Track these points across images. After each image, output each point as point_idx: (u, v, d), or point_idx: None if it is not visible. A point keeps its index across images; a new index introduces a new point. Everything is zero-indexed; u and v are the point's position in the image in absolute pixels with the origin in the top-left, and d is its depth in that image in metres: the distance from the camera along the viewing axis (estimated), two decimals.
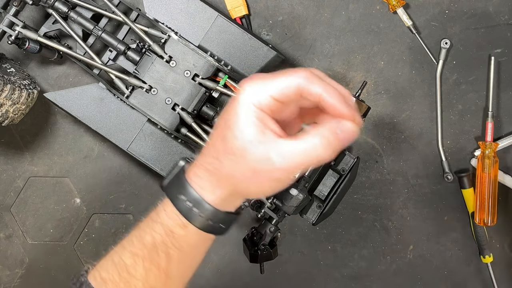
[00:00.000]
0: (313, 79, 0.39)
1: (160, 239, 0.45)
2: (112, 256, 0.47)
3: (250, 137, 0.40)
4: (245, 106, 0.40)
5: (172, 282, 0.46)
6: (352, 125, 0.39)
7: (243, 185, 0.42)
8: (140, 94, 0.67)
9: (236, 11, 0.73)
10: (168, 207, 0.45)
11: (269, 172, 0.40)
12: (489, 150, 0.74)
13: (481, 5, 0.75)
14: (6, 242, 0.78)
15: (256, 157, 0.40)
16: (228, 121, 0.41)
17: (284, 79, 0.39)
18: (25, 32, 0.65)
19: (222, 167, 0.42)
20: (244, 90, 0.40)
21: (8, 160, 0.76)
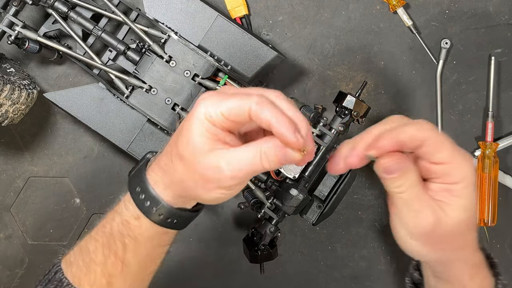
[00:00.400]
0: (264, 105, 0.39)
1: (117, 228, 0.47)
2: (81, 240, 0.50)
3: (200, 145, 0.41)
4: (198, 118, 0.41)
5: (128, 270, 0.48)
6: (293, 154, 0.40)
7: (194, 191, 0.44)
8: (140, 94, 0.67)
9: (236, 11, 0.73)
10: (127, 198, 0.47)
11: (218, 180, 0.41)
12: (489, 150, 0.74)
13: (481, 5, 0.75)
14: (6, 242, 0.78)
15: (206, 165, 0.41)
16: (183, 130, 0.42)
17: (236, 101, 0.40)
18: (24, 32, 0.65)
19: (175, 171, 0.44)
20: (199, 104, 0.41)
21: (8, 160, 0.76)
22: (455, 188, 0.42)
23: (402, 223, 0.44)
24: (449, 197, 0.42)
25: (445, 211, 0.42)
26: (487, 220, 0.74)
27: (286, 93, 0.76)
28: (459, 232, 0.44)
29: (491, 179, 0.73)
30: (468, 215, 0.43)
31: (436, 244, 0.45)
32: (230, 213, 0.78)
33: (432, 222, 0.42)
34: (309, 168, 0.64)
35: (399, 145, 0.41)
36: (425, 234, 0.43)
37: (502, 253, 0.78)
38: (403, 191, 0.42)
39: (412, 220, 0.43)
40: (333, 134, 0.64)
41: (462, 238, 0.45)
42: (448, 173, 0.42)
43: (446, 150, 0.41)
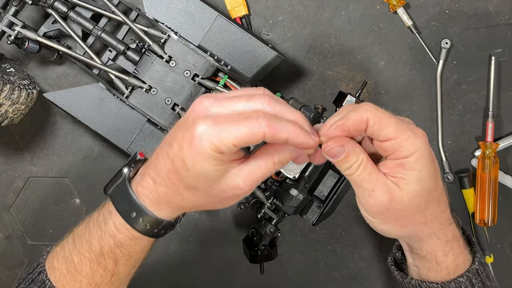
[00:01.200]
0: (275, 126, 0.39)
1: (108, 248, 0.47)
2: (64, 246, 0.50)
3: (212, 176, 0.41)
4: (204, 154, 0.40)
5: (117, 278, 0.49)
6: (306, 153, 0.43)
7: (207, 208, 0.45)
8: (139, 94, 0.67)
9: (236, 11, 0.73)
10: (117, 220, 0.46)
11: (238, 196, 0.43)
12: (489, 150, 0.74)
13: (481, 5, 0.75)
14: (5, 242, 0.78)
15: (223, 188, 0.42)
16: (186, 164, 0.41)
17: (246, 130, 0.39)
18: (24, 32, 0.65)
19: (186, 200, 0.44)
20: (201, 137, 0.39)
21: (7, 160, 0.76)
22: (407, 161, 0.43)
23: (360, 203, 0.46)
24: (402, 171, 0.43)
25: (400, 186, 0.43)
26: (487, 220, 0.74)
27: (286, 93, 0.76)
28: (417, 206, 0.45)
29: (491, 179, 0.73)
30: (423, 188, 0.44)
31: (395, 220, 0.45)
32: (230, 213, 0.78)
33: (386, 199, 0.43)
34: (309, 168, 0.64)
35: (347, 132, 0.43)
36: (381, 212, 0.45)
37: (502, 253, 0.78)
38: (352, 172, 0.44)
39: (366, 200, 0.44)
40: None
41: (421, 212, 0.46)
42: (397, 148, 0.42)
43: (390, 126, 0.42)
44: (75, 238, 0.50)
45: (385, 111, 0.43)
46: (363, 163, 0.43)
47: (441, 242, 0.49)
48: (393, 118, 0.43)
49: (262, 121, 0.39)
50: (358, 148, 0.43)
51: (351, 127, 0.42)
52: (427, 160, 0.43)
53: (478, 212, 0.74)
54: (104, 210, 0.48)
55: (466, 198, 0.76)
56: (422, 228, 0.47)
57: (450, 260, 0.50)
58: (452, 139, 0.77)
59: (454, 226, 0.50)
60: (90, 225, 0.49)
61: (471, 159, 0.77)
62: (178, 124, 0.43)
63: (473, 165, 0.77)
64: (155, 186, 0.44)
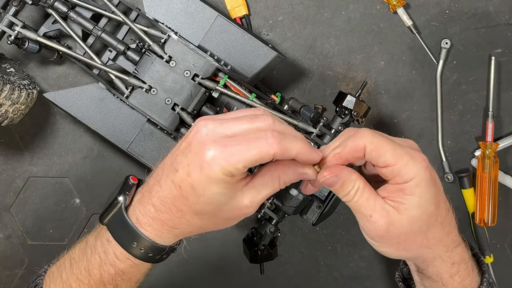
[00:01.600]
0: (286, 144, 0.40)
1: (109, 277, 0.47)
2: (61, 269, 0.49)
3: (223, 200, 0.41)
4: (215, 178, 0.40)
5: None
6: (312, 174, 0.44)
7: (212, 229, 0.45)
8: (139, 94, 0.67)
9: (236, 11, 0.73)
10: (118, 250, 0.46)
11: (245, 214, 0.43)
12: (489, 150, 0.74)
13: (481, 5, 0.75)
14: (5, 242, 0.77)
15: (231, 210, 0.42)
16: (197, 189, 0.41)
17: (259, 151, 0.39)
18: (24, 32, 0.65)
19: (193, 225, 0.44)
20: (211, 162, 0.39)
21: (7, 160, 0.76)
22: (406, 186, 0.43)
23: (361, 227, 0.46)
24: (402, 196, 0.43)
25: (399, 210, 0.43)
26: (487, 220, 0.74)
27: (286, 93, 0.76)
28: (418, 230, 0.45)
29: (491, 179, 0.73)
30: (423, 212, 0.44)
31: (397, 243, 0.45)
32: None
33: (384, 224, 0.43)
34: None
35: (344, 160, 0.44)
36: (381, 236, 0.45)
37: (502, 253, 0.78)
38: (350, 199, 0.45)
39: (365, 225, 0.45)
40: (333, 134, 0.63)
41: (423, 236, 0.45)
42: (396, 174, 0.43)
43: (388, 153, 0.42)
44: (72, 263, 0.49)
45: (383, 137, 0.43)
46: (359, 189, 0.44)
47: (447, 265, 0.48)
48: (390, 144, 0.43)
49: (272, 140, 0.39)
50: (353, 176, 0.44)
51: (348, 155, 0.43)
52: (428, 185, 0.43)
53: (478, 212, 0.74)
54: (102, 238, 0.47)
55: (466, 198, 0.76)
56: (426, 251, 0.47)
57: (456, 282, 0.49)
58: (452, 139, 0.77)
59: (461, 248, 0.49)
60: (88, 252, 0.48)
61: (471, 159, 0.77)
62: (180, 149, 0.43)
63: (473, 165, 0.77)
64: (158, 214, 0.44)
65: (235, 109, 0.67)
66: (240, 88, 0.66)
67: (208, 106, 0.68)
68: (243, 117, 0.41)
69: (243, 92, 0.66)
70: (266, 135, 0.40)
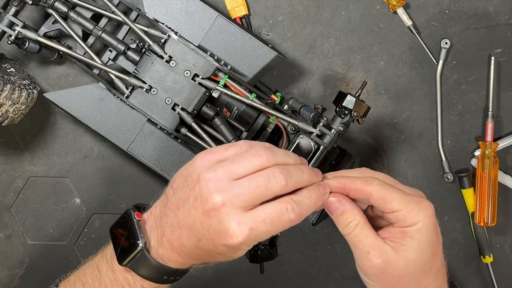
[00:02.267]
0: (302, 210, 0.43)
1: None
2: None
3: (242, 240, 0.42)
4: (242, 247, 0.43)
5: None
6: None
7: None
8: (140, 94, 0.67)
9: (236, 11, 0.73)
10: (146, 283, 0.47)
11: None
12: (489, 150, 0.74)
13: (481, 5, 0.75)
14: (5, 242, 0.78)
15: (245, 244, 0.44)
16: (224, 255, 0.44)
17: (281, 222, 0.43)
18: (25, 32, 0.65)
19: (203, 257, 0.46)
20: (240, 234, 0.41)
21: (8, 160, 0.76)
22: (409, 230, 0.44)
23: (357, 264, 0.47)
24: (403, 238, 0.45)
25: (397, 251, 0.45)
26: (486, 220, 0.74)
27: (286, 93, 0.76)
28: (412, 274, 0.45)
29: (491, 179, 0.73)
30: (420, 257, 0.45)
31: (390, 285, 0.46)
32: None
33: (381, 263, 0.44)
34: None
35: (346, 192, 0.45)
36: (376, 275, 0.46)
37: (502, 253, 0.78)
38: (349, 232, 0.45)
39: (362, 262, 0.46)
40: (333, 134, 0.63)
41: (416, 281, 0.46)
42: (401, 219, 0.44)
43: (395, 201, 0.44)
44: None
45: (391, 186, 0.45)
46: (360, 224, 0.45)
47: None
48: (398, 192, 0.45)
49: (291, 213, 0.43)
50: (356, 210, 0.45)
51: (351, 191, 0.45)
52: (429, 232, 0.45)
53: (478, 212, 0.74)
54: (123, 272, 0.48)
55: (466, 198, 0.76)
56: None
57: None
58: (452, 139, 0.77)
59: None
60: (107, 282, 0.49)
61: (471, 159, 0.77)
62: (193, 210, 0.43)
63: (473, 165, 0.77)
64: (183, 258, 0.46)
65: (235, 109, 0.67)
66: (240, 88, 0.66)
67: (208, 106, 0.68)
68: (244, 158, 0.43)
69: (243, 92, 0.66)
70: (286, 201, 0.43)
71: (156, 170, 0.67)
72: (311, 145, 0.64)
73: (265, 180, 0.42)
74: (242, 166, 0.42)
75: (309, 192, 0.44)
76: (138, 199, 0.77)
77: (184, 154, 0.67)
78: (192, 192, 0.43)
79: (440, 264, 0.47)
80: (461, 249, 0.79)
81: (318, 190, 0.44)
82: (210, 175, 0.42)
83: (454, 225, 0.78)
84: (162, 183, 0.77)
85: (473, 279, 0.79)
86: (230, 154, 0.44)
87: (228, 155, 0.44)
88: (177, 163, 0.67)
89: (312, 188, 0.44)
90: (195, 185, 0.43)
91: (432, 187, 0.78)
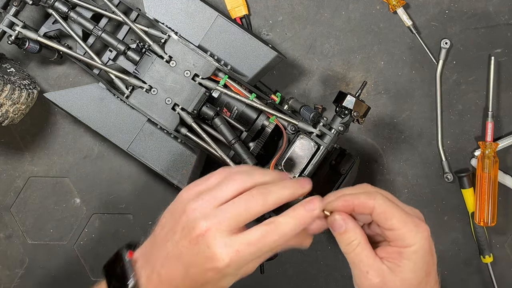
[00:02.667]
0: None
1: None
2: None
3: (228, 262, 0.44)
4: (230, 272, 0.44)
5: None
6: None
7: None
8: (140, 94, 0.67)
9: (236, 11, 0.73)
10: None
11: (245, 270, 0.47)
12: (489, 150, 0.74)
13: (481, 5, 0.75)
14: (6, 242, 0.78)
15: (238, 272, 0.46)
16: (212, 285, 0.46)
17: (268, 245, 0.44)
18: (25, 32, 0.65)
19: None
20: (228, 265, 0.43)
21: (8, 160, 0.76)
22: (405, 251, 0.46)
23: (355, 281, 0.48)
24: (399, 259, 0.46)
25: (395, 272, 0.46)
26: (486, 220, 0.74)
27: (286, 93, 0.76)
28: None
29: (491, 179, 0.73)
30: (415, 277, 0.46)
31: None
32: None
33: (378, 282, 0.46)
34: (309, 168, 0.64)
35: (350, 209, 0.47)
36: None
37: (502, 253, 0.78)
38: (351, 250, 0.47)
39: (361, 281, 0.47)
40: (333, 134, 0.64)
41: None
42: (399, 238, 0.46)
43: (395, 218, 0.46)
44: None
45: (393, 203, 0.46)
46: (361, 244, 0.47)
47: None
48: (399, 210, 0.46)
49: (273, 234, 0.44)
50: (358, 229, 0.47)
51: (356, 206, 0.47)
52: (424, 254, 0.46)
53: (478, 212, 0.74)
54: None
55: (466, 198, 0.77)
56: None
57: None
58: (452, 139, 0.77)
59: None
60: None
61: (470, 159, 0.77)
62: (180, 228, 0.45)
63: (473, 165, 0.77)
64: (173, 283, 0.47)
65: (235, 109, 0.67)
66: (240, 88, 0.66)
67: (208, 106, 0.68)
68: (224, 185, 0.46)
69: (243, 92, 0.66)
70: (270, 221, 0.45)
71: (156, 170, 0.67)
72: (311, 145, 0.64)
73: (244, 202, 0.44)
74: (224, 192, 0.45)
75: (294, 211, 0.46)
76: (138, 199, 0.77)
77: (184, 154, 0.67)
78: (179, 223, 0.45)
79: (434, 282, 0.49)
80: (461, 249, 0.79)
81: (302, 208, 0.46)
82: (195, 204, 0.45)
83: (454, 225, 0.78)
84: (162, 183, 0.77)
85: (473, 279, 0.79)
86: (211, 182, 0.47)
87: (210, 184, 0.47)
88: (177, 163, 0.67)
89: (296, 207, 0.46)
90: (181, 216, 0.45)
91: (432, 187, 0.78)
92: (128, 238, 0.77)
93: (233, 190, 0.45)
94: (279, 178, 0.48)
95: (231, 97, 0.66)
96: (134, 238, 0.79)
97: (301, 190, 0.47)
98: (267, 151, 0.69)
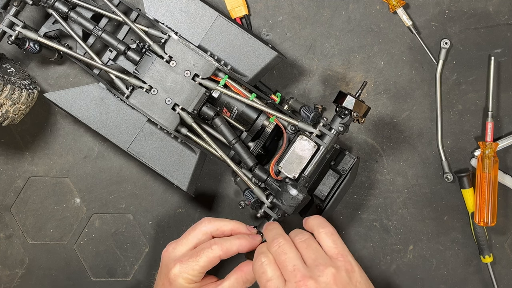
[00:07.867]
0: (227, 246, 0.57)
1: None
2: None
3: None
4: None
5: None
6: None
7: None
8: (140, 94, 0.67)
9: (236, 11, 0.73)
10: None
11: None
12: (489, 150, 0.74)
13: (481, 5, 0.75)
14: (6, 242, 0.78)
15: None
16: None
17: (208, 259, 0.57)
18: (25, 32, 0.65)
19: None
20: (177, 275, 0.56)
21: (8, 160, 0.77)
22: None
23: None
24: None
25: None
26: (486, 220, 0.74)
27: (286, 93, 0.76)
28: None
29: (490, 179, 0.74)
30: None
31: None
32: (230, 213, 0.78)
33: None
34: (309, 168, 0.64)
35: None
36: None
37: (502, 253, 0.79)
38: None
39: None
40: (333, 134, 0.64)
41: None
42: None
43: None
44: None
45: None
46: None
47: None
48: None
49: (215, 247, 0.57)
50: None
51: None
52: None
53: (477, 212, 0.74)
54: None
55: (466, 198, 0.77)
56: None
57: None
58: (452, 139, 0.77)
59: None
60: None
61: (470, 159, 0.77)
62: (160, 273, 0.59)
63: (473, 165, 0.77)
64: None
65: (235, 109, 0.67)
66: (240, 88, 0.66)
67: (208, 106, 0.68)
68: (189, 231, 0.59)
69: (243, 92, 0.66)
70: (210, 244, 0.57)
71: (156, 170, 0.67)
72: (311, 145, 0.64)
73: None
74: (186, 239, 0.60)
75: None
76: (138, 199, 0.77)
77: (184, 154, 0.68)
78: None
79: None
80: (461, 249, 0.79)
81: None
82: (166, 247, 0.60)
83: (454, 225, 0.78)
84: (162, 183, 0.77)
85: (473, 279, 0.79)
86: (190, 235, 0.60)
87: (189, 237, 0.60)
88: (177, 163, 0.67)
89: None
90: None
91: (432, 187, 0.78)
92: (128, 238, 0.77)
93: None
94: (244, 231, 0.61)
95: (231, 97, 0.66)
96: (134, 238, 0.79)
97: (254, 246, 0.58)
98: (267, 151, 0.69)
